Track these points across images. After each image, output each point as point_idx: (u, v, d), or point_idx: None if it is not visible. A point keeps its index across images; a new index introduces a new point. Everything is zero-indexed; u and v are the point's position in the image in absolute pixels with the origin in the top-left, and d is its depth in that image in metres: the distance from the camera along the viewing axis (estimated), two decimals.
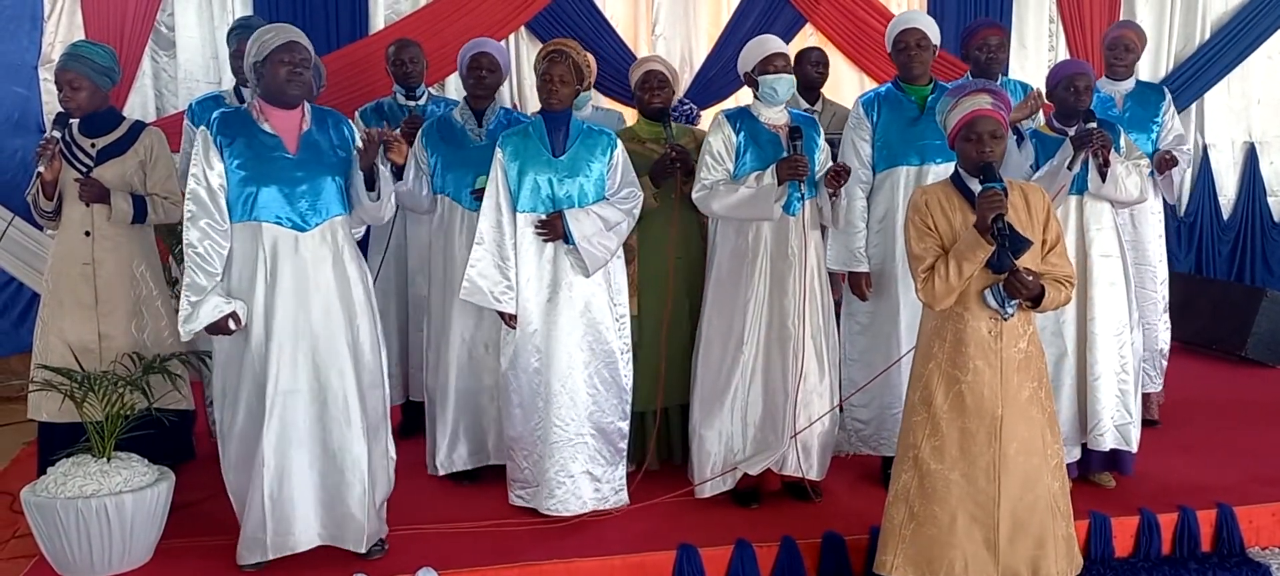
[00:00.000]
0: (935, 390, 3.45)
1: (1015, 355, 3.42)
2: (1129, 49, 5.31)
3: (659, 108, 4.62)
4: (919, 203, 3.47)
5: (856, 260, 4.47)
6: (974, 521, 3.42)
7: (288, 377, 3.68)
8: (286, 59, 3.66)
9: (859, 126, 4.50)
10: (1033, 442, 3.43)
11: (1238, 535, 4.26)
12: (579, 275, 4.15)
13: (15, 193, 5.69)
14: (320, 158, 3.77)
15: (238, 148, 3.68)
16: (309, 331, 3.71)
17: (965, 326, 3.41)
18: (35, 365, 4.24)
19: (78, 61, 4.24)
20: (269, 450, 3.66)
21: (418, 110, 5.03)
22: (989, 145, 3.37)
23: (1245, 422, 5.49)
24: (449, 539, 4.03)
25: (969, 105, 3.43)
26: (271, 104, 3.74)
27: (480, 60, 4.64)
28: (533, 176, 4.12)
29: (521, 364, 4.16)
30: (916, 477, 3.48)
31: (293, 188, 3.70)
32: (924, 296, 3.40)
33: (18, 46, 6.29)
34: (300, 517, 3.72)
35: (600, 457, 4.22)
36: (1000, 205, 3.24)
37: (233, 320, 3.64)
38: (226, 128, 3.70)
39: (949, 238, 3.40)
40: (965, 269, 3.31)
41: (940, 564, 3.43)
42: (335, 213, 3.79)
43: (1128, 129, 4.93)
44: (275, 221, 3.69)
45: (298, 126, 3.77)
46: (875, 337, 4.54)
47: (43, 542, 3.76)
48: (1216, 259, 8.17)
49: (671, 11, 7.22)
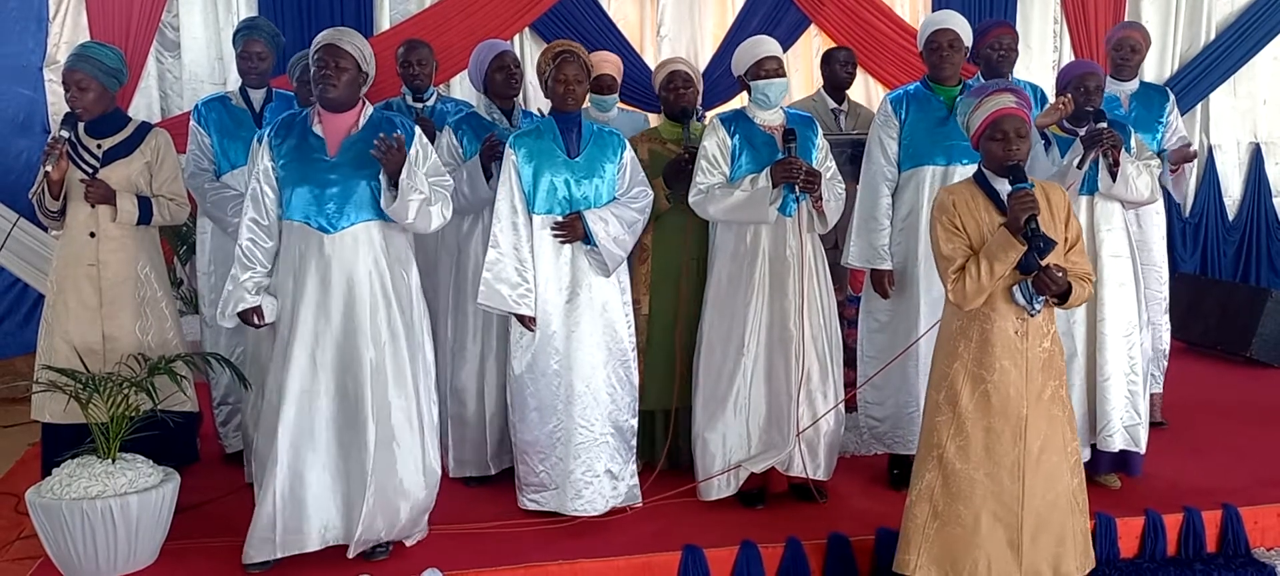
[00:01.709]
0: (961, 390, 3.45)
1: (1039, 354, 3.43)
2: (1135, 49, 5.31)
3: (684, 108, 4.63)
4: (945, 203, 3.46)
5: (879, 257, 4.47)
6: (997, 521, 3.43)
7: (306, 378, 3.71)
8: (318, 61, 3.74)
9: (887, 124, 4.49)
10: (1055, 441, 3.45)
11: (1243, 536, 4.25)
12: (598, 275, 4.15)
13: (20, 194, 5.68)
14: (359, 161, 3.76)
15: (286, 148, 3.77)
16: (330, 333, 3.72)
17: (991, 326, 3.41)
18: (40, 366, 4.24)
19: (85, 62, 4.24)
20: (283, 448, 3.68)
21: (426, 111, 5.03)
22: (1015, 144, 3.38)
23: (1250, 423, 5.47)
24: (454, 540, 4.03)
25: (993, 105, 3.43)
26: (324, 108, 3.79)
27: (505, 58, 4.61)
28: (549, 178, 4.11)
29: (541, 366, 4.14)
30: (941, 477, 3.48)
31: (323, 189, 3.72)
32: (954, 297, 3.40)
33: (23, 48, 6.30)
34: (311, 518, 3.73)
35: (618, 455, 4.23)
36: (1033, 206, 3.26)
37: (256, 314, 3.74)
38: (282, 128, 3.83)
39: (976, 238, 3.41)
40: (997, 269, 3.32)
41: (964, 563, 3.44)
42: (367, 216, 3.77)
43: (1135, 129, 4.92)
44: (304, 221, 3.73)
45: (345, 130, 3.80)
46: (894, 336, 4.52)
47: (48, 544, 3.76)
48: (1222, 260, 8.16)
49: (677, 13, 7.22)
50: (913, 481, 3.59)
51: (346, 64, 3.74)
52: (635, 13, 7.24)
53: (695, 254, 4.58)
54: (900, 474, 4.59)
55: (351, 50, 3.76)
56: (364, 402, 3.73)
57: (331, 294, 3.73)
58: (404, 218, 3.76)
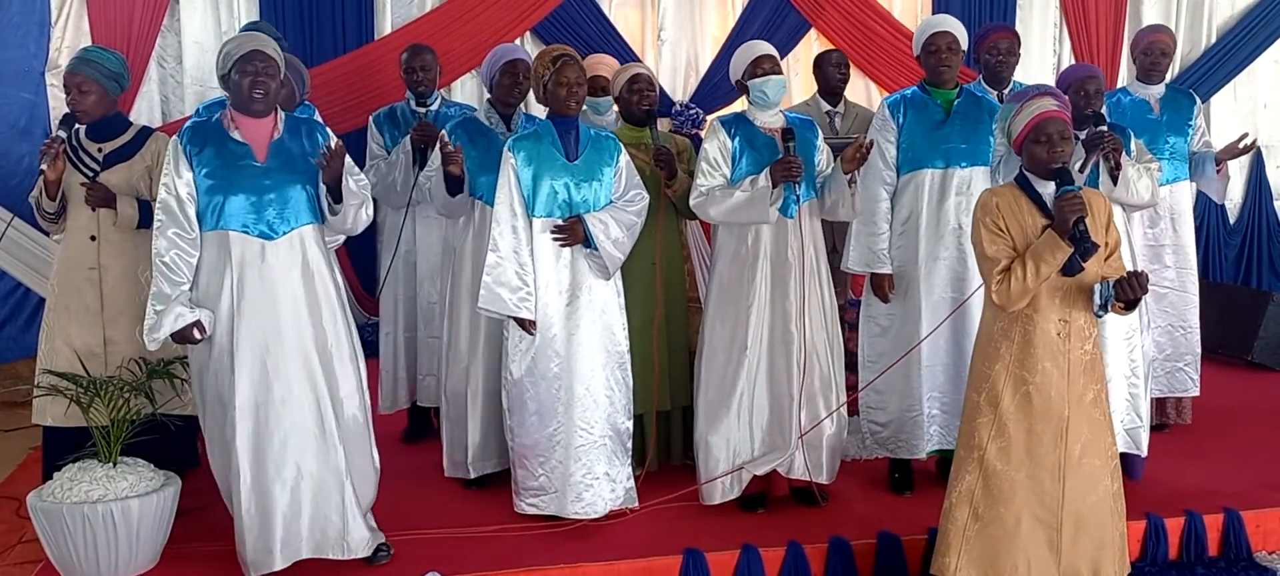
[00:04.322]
0: (1002, 391, 3.45)
1: (1081, 357, 3.43)
2: (1164, 53, 5.29)
3: (646, 110, 4.65)
4: (990, 204, 3.46)
5: (879, 261, 4.47)
6: (1038, 522, 3.44)
7: (256, 389, 3.65)
8: (247, 69, 3.65)
9: (884, 128, 4.49)
10: (1096, 444, 3.46)
11: (1245, 539, 4.26)
12: (598, 278, 4.15)
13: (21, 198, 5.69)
14: (290, 165, 3.74)
15: (206, 156, 3.66)
16: (277, 341, 3.67)
17: (1034, 328, 3.41)
18: (40, 370, 4.24)
19: (87, 66, 4.24)
20: (244, 463, 3.64)
21: (429, 115, 5.04)
22: (1059, 146, 3.39)
23: (1252, 426, 5.48)
24: (455, 544, 4.03)
25: (1036, 108, 3.43)
26: (241, 113, 3.73)
27: (516, 66, 4.62)
28: (549, 181, 4.11)
29: (541, 370, 4.14)
30: (981, 479, 3.47)
31: (260, 196, 3.68)
32: (999, 298, 3.39)
33: (25, 52, 6.31)
34: (278, 534, 3.68)
35: (615, 458, 4.23)
36: (1082, 208, 3.27)
37: (197, 329, 3.63)
38: (196, 137, 3.70)
39: (1020, 240, 3.41)
40: (1043, 271, 3.32)
41: (1005, 565, 3.44)
42: (304, 221, 3.76)
43: (1167, 132, 4.98)
44: (242, 230, 3.66)
45: (268, 135, 3.75)
46: (896, 341, 4.51)
47: (49, 548, 3.76)
48: (1223, 263, 8.16)
49: (677, 16, 7.23)
50: (951, 483, 3.58)
51: (275, 69, 3.71)
52: (636, 17, 7.25)
53: (666, 254, 4.60)
54: (901, 477, 4.59)
55: (275, 54, 3.73)
56: (322, 405, 3.72)
57: (278, 300, 3.68)
58: (344, 224, 3.79)
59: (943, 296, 4.42)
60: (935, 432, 4.48)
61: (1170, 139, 5.18)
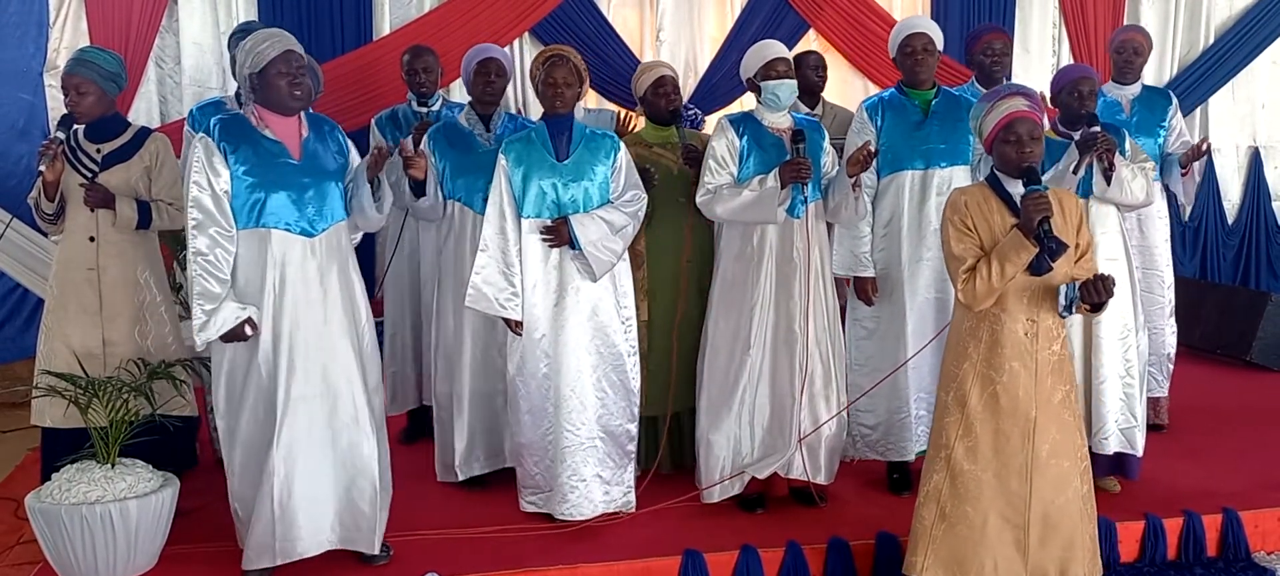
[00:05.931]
0: (970, 390, 3.45)
1: (1049, 358, 3.43)
2: (1137, 52, 5.30)
3: (672, 111, 4.64)
4: (959, 203, 3.47)
5: (861, 265, 4.48)
6: (1005, 522, 3.43)
7: (299, 384, 3.69)
8: (284, 69, 3.66)
9: (863, 131, 4.50)
10: (1064, 445, 3.45)
11: (1243, 540, 4.26)
12: (586, 280, 4.15)
13: (19, 198, 5.68)
14: (322, 164, 3.79)
15: (243, 154, 3.67)
16: (318, 336, 3.72)
17: (1002, 328, 3.42)
18: (39, 371, 4.24)
19: (85, 66, 4.24)
20: (280, 458, 3.66)
21: (431, 116, 5.04)
22: (1029, 146, 3.39)
23: (1250, 427, 5.47)
24: (454, 544, 4.03)
25: (1006, 108, 3.44)
26: (276, 112, 3.74)
27: (488, 65, 4.65)
28: (537, 182, 4.12)
29: (529, 370, 4.16)
30: (948, 478, 3.48)
31: (300, 194, 3.71)
32: (964, 297, 3.40)
33: (23, 53, 6.30)
34: (309, 523, 3.73)
35: (609, 461, 4.22)
36: (1047, 208, 3.26)
37: (249, 325, 3.64)
38: (229, 134, 3.69)
39: (988, 239, 3.41)
40: (1008, 270, 3.32)
41: (971, 565, 3.44)
42: (339, 218, 3.82)
43: (1134, 133, 4.92)
44: (285, 228, 3.70)
45: (298, 133, 3.78)
46: (881, 343, 4.53)
47: (47, 549, 3.76)
48: (1221, 263, 8.16)
49: (676, 17, 7.22)
50: (922, 482, 3.59)
51: (304, 66, 3.74)
52: (635, 17, 7.24)
53: (693, 257, 4.58)
54: (900, 478, 4.59)
55: (302, 50, 3.76)
56: (357, 399, 3.77)
57: (319, 296, 3.73)
58: (382, 219, 3.92)
59: (927, 297, 4.43)
60: (923, 434, 4.48)
61: (1138, 140, 5.16)
